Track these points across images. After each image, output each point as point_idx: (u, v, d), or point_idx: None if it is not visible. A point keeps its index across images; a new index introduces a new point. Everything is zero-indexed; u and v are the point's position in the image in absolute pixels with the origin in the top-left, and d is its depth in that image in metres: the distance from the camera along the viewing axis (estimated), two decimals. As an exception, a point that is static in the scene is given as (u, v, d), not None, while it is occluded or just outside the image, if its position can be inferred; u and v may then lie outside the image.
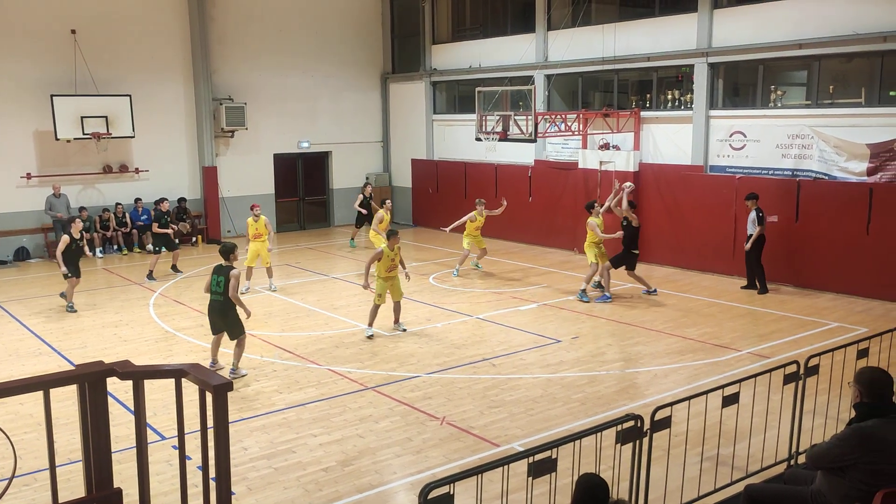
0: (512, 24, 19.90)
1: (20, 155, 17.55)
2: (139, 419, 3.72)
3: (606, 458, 5.28)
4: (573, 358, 10.06)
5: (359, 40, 22.34)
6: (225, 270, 9.23)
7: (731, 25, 14.81)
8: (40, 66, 17.44)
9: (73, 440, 6.90)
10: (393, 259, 11.03)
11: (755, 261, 13.43)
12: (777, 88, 14.66)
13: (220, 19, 19.87)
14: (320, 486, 6.59)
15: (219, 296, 9.21)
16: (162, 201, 15.88)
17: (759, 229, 13.21)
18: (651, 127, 16.34)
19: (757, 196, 13.43)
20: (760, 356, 9.99)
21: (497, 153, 19.35)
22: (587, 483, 3.91)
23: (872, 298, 12.80)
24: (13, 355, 10.50)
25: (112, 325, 11.98)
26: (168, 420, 7.83)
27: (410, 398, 8.63)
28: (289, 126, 21.31)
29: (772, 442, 6.55)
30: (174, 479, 6.23)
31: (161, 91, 19.17)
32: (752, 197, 13.43)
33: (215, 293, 9.25)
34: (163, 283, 14.94)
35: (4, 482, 6.45)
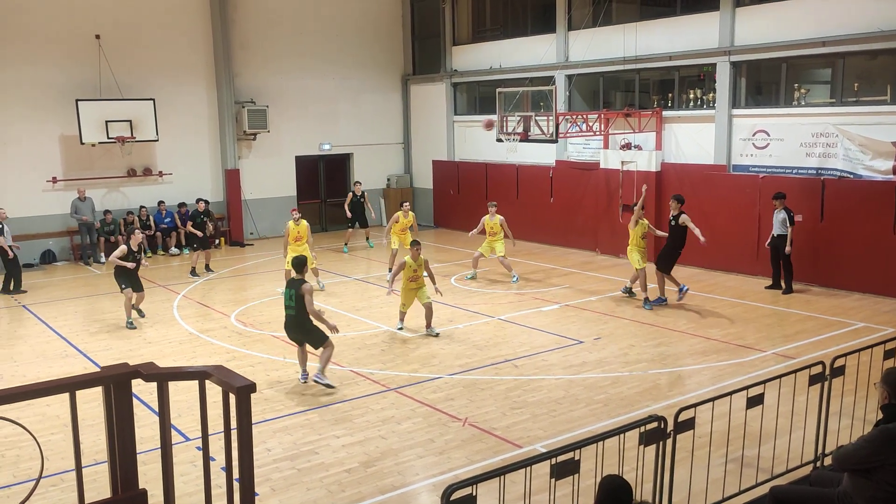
0: (532, 24, 19.85)
1: (46, 159, 17.84)
2: (164, 420, 3.76)
3: (630, 459, 5.24)
4: (596, 359, 10.00)
5: (379, 42, 22.43)
6: (297, 284, 8.97)
7: (754, 23, 14.65)
8: (66, 72, 17.73)
9: (98, 441, 7.00)
10: (415, 270, 11.05)
11: (787, 260, 13.26)
12: (800, 87, 14.47)
13: (242, 23, 20.05)
14: (343, 487, 6.61)
15: (291, 309, 8.96)
16: (199, 202, 16.61)
17: (790, 230, 13.04)
18: (673, 126, 16.21)
19: (784, 195, 13.26)
20: (785, 357, 9.87)
21: (518, 154, 19.30)
22: (610, 484, 3.89)
23: (900, 298, 12.59)
24: (40, 357, 10.67)
25: (137, 326, 12.11)
26: (191, 421, 7.91)
27: (432, 399, 8.64)
28: (310, 128, 21.43)
29: (797, 443, 6.47)
30: (198, 480, 6.28)
31: (184, 95, 19.39)
32: (779, 196, 13.26)
33: (288, 307, 9.03)
34: (187, 286, 15.10)
35: (32, 483, 6.56)
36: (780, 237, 13.21)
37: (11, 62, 17.17)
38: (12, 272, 14.84)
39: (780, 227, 13.21)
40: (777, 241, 13.30)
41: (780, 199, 13.23)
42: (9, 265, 14.80)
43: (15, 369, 10.14)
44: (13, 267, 14.83)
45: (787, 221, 13.09)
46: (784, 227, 13.12)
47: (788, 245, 13.08)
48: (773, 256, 13.49)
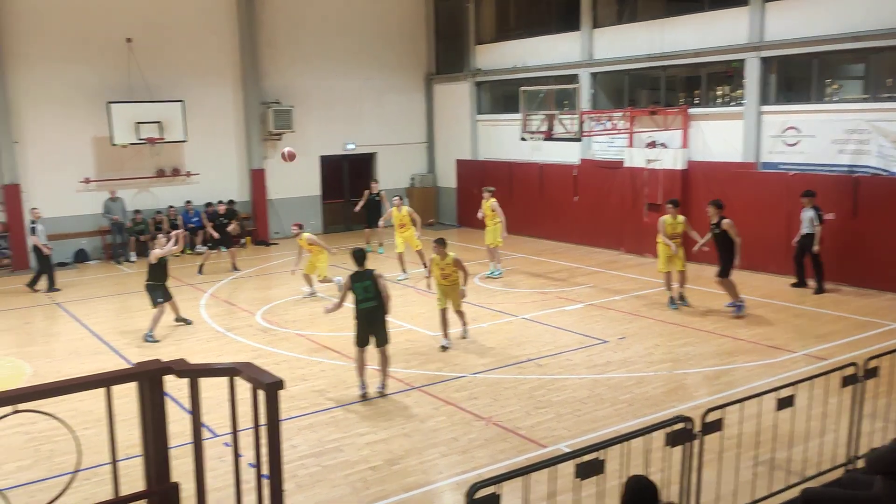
0: (556, 22, 19.75)
1: (79, 160, 18.17)
2: (195, 416, 3.82)
3: (656, 460, 5.20)
4: (620, 358, 9.93)
5: (403, 42, 22.48)
6: (369, 274, 8.61)
7: (784, 18, 14.42)
8: (98, 75, 18.04)
9: (129, 436, 7.10)
10: (443, 268, 10.48)
11: (816, 259, 13.07)
12: (832, 82, 14.23)
13: (268, 24, 20.23)
14: (368, 485, 6.65)
15: (371, 301, 8.55)
16: (220, 203, 17.23)
17: (818, 229, 12.87)
18: (700, 124, 16.04)
19: (814, 194, 13.06)
20: (817, 358, 9.71)
21: (542, 153, 19.25)
22: (636, 485, 3.87)
23: (935, 298, 12.33)
24: (73, 354, 10.88)
25: (165, 325, 12.28)
26: (219, 418, 7.97)
27: (456, 398, 8.65)
28: (334, 128, 21.56)
29: (829, 446, 6.37)
30: (226, 476, 6.37)
31: (211, 96, 19.62)
32: (808, 194, 13.06)
33: (366, 300, 8.55)
34: (213, 284, 15.29)
35: (65, 477, 6.70)
36: (808, 236, 13.03)
37: (46, 66, 17.52)
38: (44, 270, 15.09)
39: (808, 226, 13.03)
40: (804, 239, 13.12)
41: (809, 198, 13.04)
42: (41, 263, 15.05)
43: (50, 365, 10.35)
44: (45, 265, 15.08)
45: (815, 220, 12.90)
46: (812, 225, 12.94)
47: (817, 244, 12.89)
48: (799, 254, 13.32)
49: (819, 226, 12.90)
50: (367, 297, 8.57)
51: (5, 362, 10.64)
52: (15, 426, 7.72)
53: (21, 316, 13.31)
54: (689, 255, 12.73)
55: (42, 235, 15.08)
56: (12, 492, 6.59)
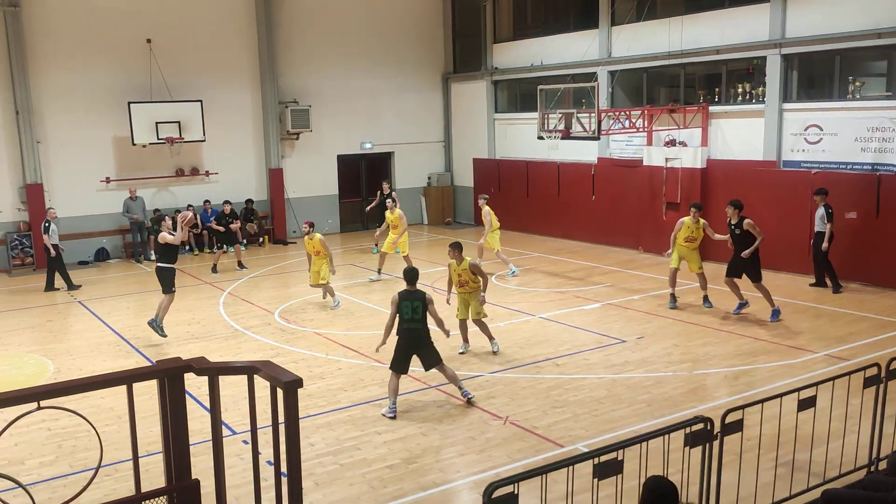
0: (574, 20, 19.66)
1: (100, 160, 18.38)
2: (215, 413, 3.84)
3: (675, 461, 5.16)
4: (638, 358, 9.87)
5: (420, 41, 22.50)
6: (419, 295, 8.28)
7: (806, 15, 14.25)
8: (118, 76, 18.23)
9: (149, 433, 7.18)
10: (460, 274, 10.02)
11: (824, 258, 13.01)
12: (855, 79, 14.04)
13: (286, 24, 20.33)
14: (385, 483, 6.66)
15: (417, 322, 8.22)
16: (225, 203, 17.68)
17: (829, 226, 12.77)
18: (720, 122, 15.89)
19: (826, 192, 12.95)
20: (838, 358, 9.59)
21: (559, 151, 19.18)
22: (655, 486, 3.84)
23: (960, 298, 12.13)
24: (95, 351, 11.01)
25: (185, 322, 12.40)
26: (238, 416, 8.06)
27: (474, 397, 8.63)
28: (352, 127, 21.63)
29: (851, 447, 6.29)
30: (245, 473, 6.40)
31: (230, 96, 19.76)
32: (821, 192, 12.98)
33: (412, 321, 8.22)
34: (232, 283, 15.40)
35: (87, 472, 6.78)
36: (821, 234, 12.99)
37: (68, 67, 17.75)
38: (57, 270, 15.03)
39: (818, 224, 13.01)
40: (819, 238, 13.07)
41: (821, 196, 12.97)
42: (51, 263, 14.98)
43: (72, 363, 10.48)
44: (58, 265, 15.02)
45: (825, 218, 12.83)
46: (824, 223, 12.88)
47: (826, 241, 12.81)
48: (815, 253, 13.23)
49: (829, 224, 12.78)
50: (415, 317, 8.21)
51: (28, 359, 10.79)
52: (38, 422, 7.83)
53: (43, 314, 13.49)
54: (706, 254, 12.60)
55: (55, 236, 15.07)
56: (35, 487, 6.68)
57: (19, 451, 7.50)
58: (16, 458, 7.33)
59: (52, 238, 14.95)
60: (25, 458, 7.39)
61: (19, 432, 7.55)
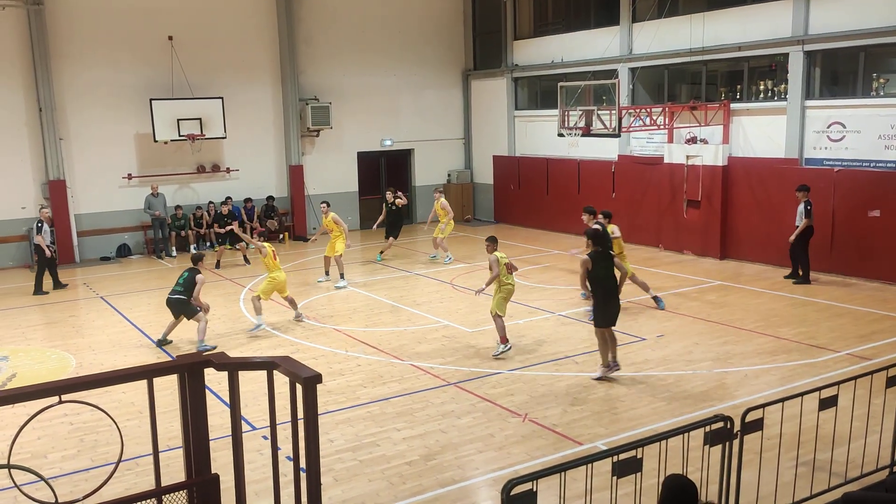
0: (595, 17, 19.55)
1: (122, 157, 18.60)
2: (234, 408, 3.88)
3: (694, 459, 5.13)
4: (659, 356, 9.81)
5: (440, 38, 22.49)
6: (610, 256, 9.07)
7: (830, 11, 14.05)
8: (140, 73, 18.43)
9: (170, 428, 7.27)
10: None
11: (802, 251, 13.42)
12: (879, 76, 13.82)
13: (306, 21, 20.42)
14: (404, 480, 6.69)
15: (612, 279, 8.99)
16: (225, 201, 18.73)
17: (806, 221, 13.14)
18: (741, 119, 15.72)
19: (808, 188, 13.33)
20: (861, 358, 9.47)
21: (579, 149, 19.09)
22: (675, 484, 3.82)
23: None
24: (116, 346, 11.15)
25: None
26: (257, 411, 8.13)
27: (492, 394, 8.64)
28: (372, 124, 21.69)
29: (873, 448, 6.21)
30: (264, 468, 6.47)
31: (251, 93, 19.89)
32: (803, 188, 13.33)
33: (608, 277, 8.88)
34: (252, 279, 15.51)
35: (108, 467, 6.87)
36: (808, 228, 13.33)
37: (90, 64, 17.96)
38: (49, 270, 14.74)
39: (800, 219, 13.34)
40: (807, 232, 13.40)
41: (804, 192, 13.31)
42: (43, 264, 14.66)
43: (93, 357, 10.62)
44: (49, 266, 14.73)
45: (803, 214, 13.21)
46: (800, 218, 13.26)
47: (794, 235, 13.26)
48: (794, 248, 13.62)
49: (807, 219, 13.17)
50: (609, 274, 8.92)
51: (51, 354, 10.95)
52: (60, 416, 7.96)
53: (66, 309, 13.68)
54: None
55: (48, 236, 14.76)
56: (57, 480, 6.78)
57: (42, 444, 7.61)
58: (39, 452, 7.45)
59: (46, 239, 14.62)
60: (48, 451, 7.50)
61: (42, 426, 7.68)
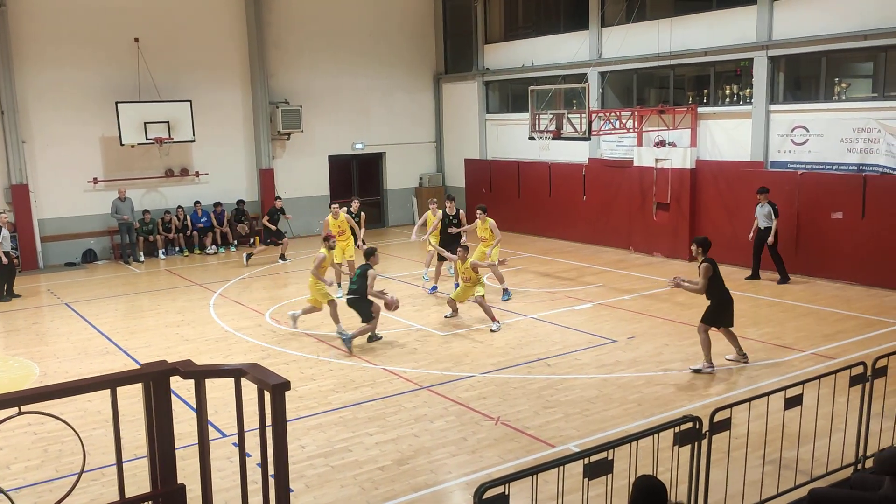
0: (565, 21, 19.71)
1: (87, 160, 18.26)
2: (201, 417, 3.83)
3: (664, 460, 5.18)
4: (629, 358, 9.91)
5: (411, 41, 22.49)
6: None
7: (792, 17, 14.34)
8: (106, 74, 18.13)
9: (137, 437, 7.14)
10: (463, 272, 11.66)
11: (774, 251, 13.70)
12: (841, 81, 14.13)
13: (276, 24, 20.27)
14: (376, 485, 6.66)
15: None
16: (277, 199, 18.39)
17: (776, 222, 13.50)
18: (708, 123, 15.96)
19: (768, 190, 13.67)
20: (825, 357, 9.66)
21: (550, 152, 19.22)
22: (645, 485, 3.86)
23: (946, 297, 12.24)
24: (82, 354, 10.93)
25: (174, 324, 12.35)
26: (228, 418, 8.03)
27: (465, 398, 8.65)
28: (343, 128, 21.59)
29: (837, 445, 6.34)
30: (234, 476, 6.37)
31: (220, 96, 19.68)
32: (764, 191, 13.66)
33: None
34: (223, 284, 15.34)
35: (73, 477, 6.73)
36: (766, 230, 13.62)
37: (54, 66, 17.62)
38: (5, 278, 14.41)
39: (765, 220, 13.63)
40: (763, 233, 13.69)
41: (764, 194, 13.65)
42: (2, 271, 14.30)
43: (58, 366, 10.41)
44: (8, 273, 14.41)
45: (772, 214, 13.52)
46: (770, 219, 13.56)
47: (772, 236, 13.53)
48: (757, 249, 13.89)
49: (776, 220, 13.50)
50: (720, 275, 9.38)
51: (14, 363, 10.71)
52: (23, 426, 7.79)
53: (28, 316, 13.39)
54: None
55: (6, 242, 14.38)
56: (21, 492, 6.63)
57: (4, 455, 7.44)
58: (1, 463, 7.27)
59: (5, 245, 14.27)
60: (11, 462, 7.33)
61: (4, 436, 7.50)
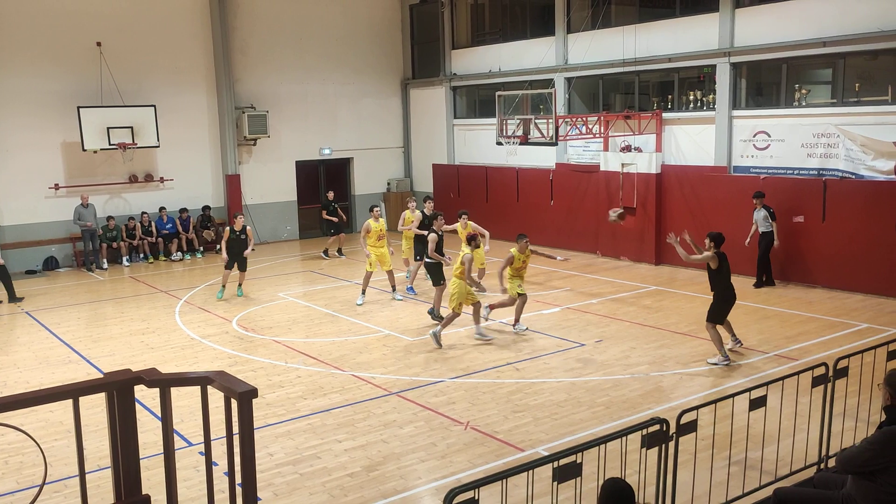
0: (531, 27, 19.88)
1: (48, 166, 17.87)
2: (166, 426, 3.77)
3: (632, 462, 5.23)
4: (597, 361, 9.99)
5: (379, 47, 22.47)
6: None
7: (754, 24, 14.65)
8: (67, 79, 17.77)
9: (101, 447, 7.00)
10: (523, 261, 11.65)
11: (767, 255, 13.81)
12: (801, 87, 14.47)
13: (241, 29, 20.09)
14: (346, 492, 6.61)
15: None
16: (329, 191, 19.15)
17: (776, 225, 13.56)
18: (673, 128, 16.22)
19: (763, 194, 13.75)
20: (788, 358, 9.86)
21: (518, 157, 19.32)
22: (613, 488, 3.89)
23: (903, 299, 12.58)
24: (43, 363, 10.68)
25: (139, 332, 12.14)
26: (195, 426, 7.91)
27: (434, 403, 8.64)
28: (310, 133, 21.47)
29: (801, 445, 6.46)
30: (201, 485, 6.29)
31: (185, 101, 19.43)
32: (759, 195, 13.77)
33: None
34: (188, 291, 15.12)
35: (35, 489, 6.57)
36: (766, 234, 13.67)
37: (13, 70, 17.22)
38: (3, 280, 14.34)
39: (764, 225, 13.67)
40: (764, 237, 13.73)
41: (759, 199, 13.73)
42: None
43: (18, 375, 10.15)
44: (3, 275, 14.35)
45: (769, 218, 13.60)
46: (768, 223, 13.62)
47: (777, 240, 13.59)
48: (763, 254, 13.87)
49: (775, 223, 13.59)
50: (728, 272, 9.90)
51: (-27, 373, 10.41)
52: (-17, 438, 7.57)
53: (-11, 325, 13.05)
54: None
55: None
56: (-20, 505, 6.45)
57: (-36, 468, 7.23)
58: (-40, 476, 7.06)
59: None
60: (-30, 475, 7.12)
61: (-37, 449, 7.29)
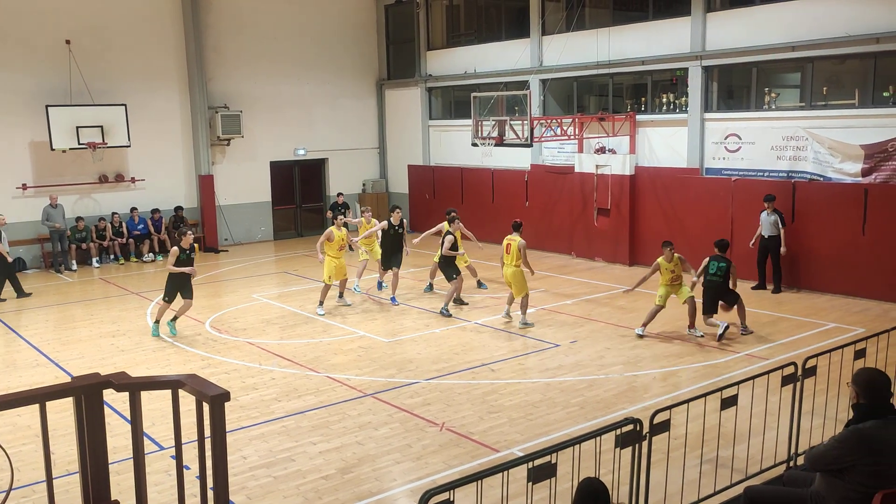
0: (506, 29, 19.95)
1: (16, 166, 17.53)
2: (136, 431, 3.71)
3: (606, 462, 5.27)
4: (572, 362, 10.05)
5: (354, 47, 22.38)
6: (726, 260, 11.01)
7: (725, 28, 14.86)
8: (35, 77, 17.44)
9: (70, 451, 6.87)
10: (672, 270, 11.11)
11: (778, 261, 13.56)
12: (771, 91, 14.70)
13: (215, 27, 19.89)
14: (320, 495, 6.57)
15: (718, 278, 10.90)
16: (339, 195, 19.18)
17: (784, 230, 13.35)
18: (646, 130, 16.38)
19: (774, 197, 13.46)
20: (758, 358, 10.00)
21: (493, 158, 19.37)
22: (587, 488, 3.92)
23: (869, 299, 12.83)
24: (10, 367, 10.47)
25: (109, 335, 11.95)
26: (166, 430, 7.80)
27: (409, 404, 8.62)
28: (285, 133, 21.32)
29: (771, 443, 6.56)
30: (172, 490, 6.21)
31: (156, 100, 19.17)
32: (770, 198, 13.43)
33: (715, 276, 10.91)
34: (160, 292, 14.90)
35: (2, 494, 6.43)
36: (771, 238, 13.48)
37: (-22, 67, 16.89)
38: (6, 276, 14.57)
39: (771, 229, 13.45)
40: (767, 242, 13.54)
41: (770, 202, 13.44)
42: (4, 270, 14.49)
43: (-17, 380, 9.94)
44: (10, 272, 14.71)
45: (779, 223, 13.39)
46: (776, 228, 13.41)
47: (784, 246, 13.36)
48: (762, 258, 13.73)
49: (784, 228, 13.37)
50: (718, 274, 10.88)
51: (-63, 377, 10.17)
52: (-53, 444, 7.40)
53: (-46, 328, 12.76)
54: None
55: (5, 242, 14.74)
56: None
57: (-73, 474, 7.05)
58: (-77, 483, 6.89)
59: (3, 245, 14.56)
60: (-66, 482, 6.95)
61: (-73, 455, 7.11)
